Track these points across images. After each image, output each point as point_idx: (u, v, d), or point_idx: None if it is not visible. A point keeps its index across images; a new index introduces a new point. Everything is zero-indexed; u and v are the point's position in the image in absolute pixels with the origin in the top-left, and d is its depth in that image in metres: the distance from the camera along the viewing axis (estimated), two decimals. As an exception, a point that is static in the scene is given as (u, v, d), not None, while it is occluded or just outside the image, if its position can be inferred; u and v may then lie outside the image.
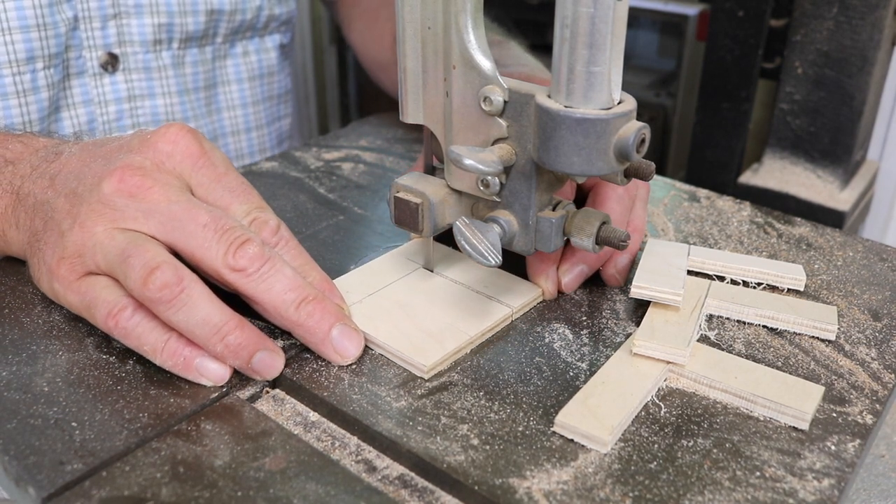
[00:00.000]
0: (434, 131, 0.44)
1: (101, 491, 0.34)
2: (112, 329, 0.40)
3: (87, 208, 0.41)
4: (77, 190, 0.42)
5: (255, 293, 0.40)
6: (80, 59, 0.63)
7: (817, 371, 0.41)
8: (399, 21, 0.42)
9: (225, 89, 0.73)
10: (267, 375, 0.40)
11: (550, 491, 0.33)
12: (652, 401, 0.39)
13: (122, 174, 0.41)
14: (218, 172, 0.43)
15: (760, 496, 0.33)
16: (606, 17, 0.35)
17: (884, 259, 0.52)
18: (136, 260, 0.38)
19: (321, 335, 0.40)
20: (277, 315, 0.40)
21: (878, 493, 0.43)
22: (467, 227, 0.40)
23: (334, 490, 0.34)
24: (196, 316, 0.38)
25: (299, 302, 0.40)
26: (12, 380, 0.40)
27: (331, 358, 0.41)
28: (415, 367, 0.41)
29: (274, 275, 0.40)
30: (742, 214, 0.58)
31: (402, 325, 0.43)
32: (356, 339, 0.41)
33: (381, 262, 0.50)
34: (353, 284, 0.47)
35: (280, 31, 0.76)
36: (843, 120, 0.96)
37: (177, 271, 0.38)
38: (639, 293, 0.44)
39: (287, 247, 0.43)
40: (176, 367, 0.39)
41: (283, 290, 0.40)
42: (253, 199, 0.44)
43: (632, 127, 0.37)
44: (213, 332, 0.38)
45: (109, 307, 0.39)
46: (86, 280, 0.41)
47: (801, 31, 0.95)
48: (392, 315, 0.44)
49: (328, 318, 0.40)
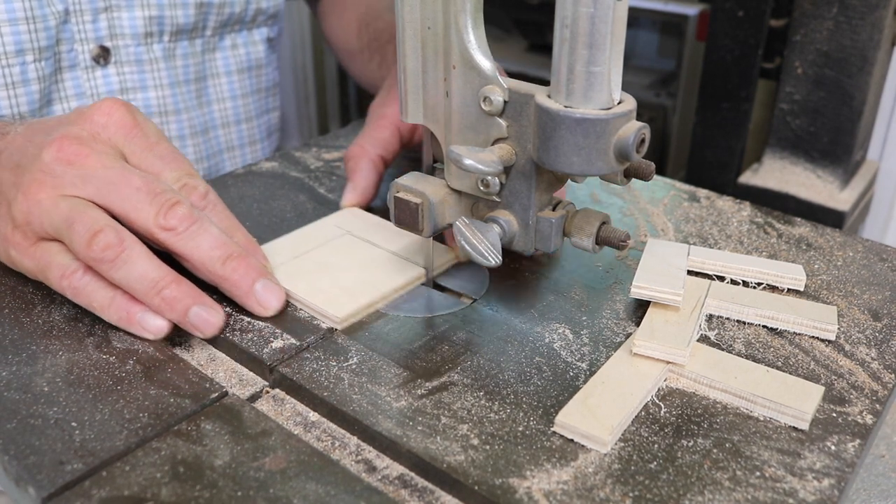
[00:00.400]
0: (434, 131, 0.44)
1: (101, 491, 0.34)
2: (65, 289, 0.43)
3: (29, 177, 0.43)
4: (21, 162, 0.45)
5: (185, 250, 0.43)
6: (72, 53, 0.64)
7: (817, 371, 0.41)
8: (399, 21, 0.42)
9: (214, 82, 0.75)
10: (205, 330, 0.43)
11: (550, 491, 0.33)
12: (652, 401, 0.39)
13: (61, 143, 0.44)
14: (150, 142, 0.46)
15: (760, 496, 0.33)
16: (606, 17, 0.35)
17: (884, 259, 0.52)
18: (80, 225, 0.41)
19: (245, 288, 0.44)
20: (206, 270, 0.44)
21: (878, 493, 0.43)
22: (467, 227, 0.40)
23: (334, 490, 0.34)
24: (135, 272, 0.41)
25: (225, 258, 0.44)
26: (12, 380, 0.40)
27: (254, 309, 0.44)
28: (329, 319, 0.44)
29: (201, 234, 0.43)
30: (742, 214, 0.58)
31: (321, 282, 0.47)
32: (278, 292, 0.45)
33: (308, 228, 0.54)
34: (279, 248, 0.51)
35: (267, 24, 0.78)
36: (843, 120, 0.95)
37: (118, 233, 0.41)
38: (639, 293, 0.44)
39: (214, 210, 0.47)
40: (121, 322, 0.43)
41: (210, 248, 0.43)
42: (183, 166, 0.47)
43: (632, 127, 0.37)
44: (150, 286, 0.42)
45: (62, 269, 0.43)
46: (40, 246, 0.44)
47: (801, 31, 0.95)
48: (312, 274, 0.48)
49: (252, 273, 0.44)
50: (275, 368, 0.41)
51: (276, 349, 0.42)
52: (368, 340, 0.43)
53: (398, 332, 0.44)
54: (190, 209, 0.43)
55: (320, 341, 0.43)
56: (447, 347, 0.43)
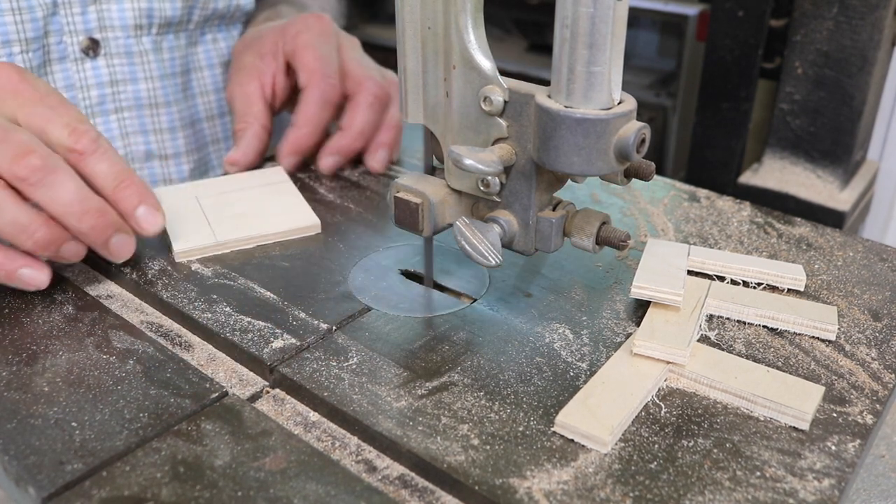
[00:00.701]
0: (434, 131, 0.44)
1: (101, 491, 0.34)
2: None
3: None
4: None
5: (41, 202, 0.44)
6: (61, 45, 0.64)
7: (817, 371, 0.41)
8: (399, 21, 0.42)
9: (198, 75, 0.76)
10: (31, 287, 0.46)
11: (551, 491, 0.33)
12: (652, 401, 0.39)
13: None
14: (40, 94, 0.48)
15: (761, 496, 0.33)
16: (606, 17, 0.35)
17: (884, 259, 0.52)
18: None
19: (99, 244, 0.47)
20: (64, 224, 0.45)
21: (878, 493, 0.43)
22: (467, 227, 0.40)
23: (334, 490, 0.34)
24: (4, 219, 0.43)
25: (81, 214, 0.45)
26: (12, 380, 0.40)
27: (109, 258, 0.48)
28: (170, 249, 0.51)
29: (57, 186, 0.44)
30: (742, 214, 0.58)
31: (195, 219, 0.54)
32: (129, 248, 0.48)
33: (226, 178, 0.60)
34: (182, 191, 0.57)
35: (242, 20, 0.79)
36: (843, 120, 0.96)
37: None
38: (639, 293, 0.44)
39: (105, 155, 0.47)
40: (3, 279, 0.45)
41: (68, 203, 0.44)
42: (72, 113, 0.47)
43: (632, 127, 0.37)
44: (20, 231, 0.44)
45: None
46: None
47: (801, 31, 0.95)
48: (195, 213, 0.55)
49: (107, 230, 0.46)
50: (275, 368, 0.41)
51: (276, 349, 0.42)
52: (368, 340, 0.43)
53: (398, 332, 0.44)
54: (45, 160, 0.44)
55: (320, 341, 0.43)
56: (447, 347, 0.43)
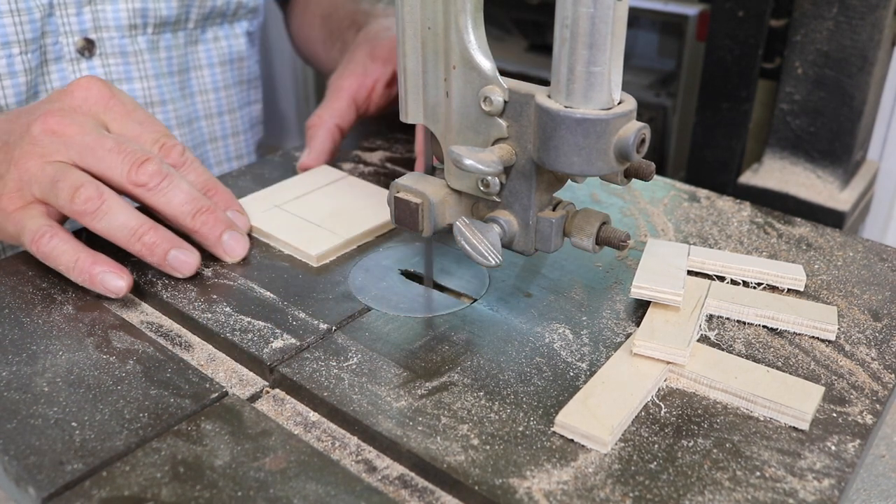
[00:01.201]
0: (434, 131, 0.44)
1: (101, 491, 0.34)
2: (36, 253, 0.47)
3: (19, 151, 0.48)
4: (9, 141, 0.49)
5: (157, 205, 0.48)
6: (57, 45, 0.65)
7: (817, 371, 0.41)
8: (399, 21, 0.42)
9: (197, 73, 0.76)
10: (183, 270, 0.47)
11: (551, 491, 0.33)
12: (652, 401, 0.39)
13: (46, 117, 0.48)
14: (127, 109, 0.51)
15: (760, 496, 0.33)
16: (606, 18, 0.35)
17: (884, 259, 0.52)
18: (63, 182, 0.46)
19: (213, 239, 0.49)
20: (177, 223, 0.48)
21: (878, 493, 0.43)
22: (467, 227, 0.40)
23: (334, 490, 0.34)
24: (116, 222, 0.46)
25: (195, 212, 0.48)
26: (12, 380, 0.40)
27: (222, 257, 0.50)
28: (306, 257, 0.50)
29: (172, 189, 0.48)
30: (742, 214, 0.58)
31: (299, 225, 0.53)
32: (243, 242, 0.50)
33: (284, 183, 0.59)
34: (260, 199, 0.57)
35: (247, 18, 0.79)
36: (843, 120, 0.95)
37: (97, 188, 0.46)
38: (639, 293, 0.44)
39: (192, 167, 0.51)
40: (85, 283, 0.46)
41: (181, 203, 0.48)
42: (160, 129, 0.51)
43: (632, 127, 0.37)
44: (131, 233, 0.46)
45: (32, 234, 0.46)
46: (20, 211, 0.48)
47: (801, 31, 0.95)
48: (291, 220, 0.54)
49: (220, 225, 0.49)
50: (275, 368, 0.41)
51: (276, 349, 0.42)
52: (368, 340, 0.43)
53: (398, 332, 0.44)
54: (160, 166, 0.47)
55: (320, 341, 0.43)
56: (447, 347, 0.43)
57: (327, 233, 0.52)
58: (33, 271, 0.49)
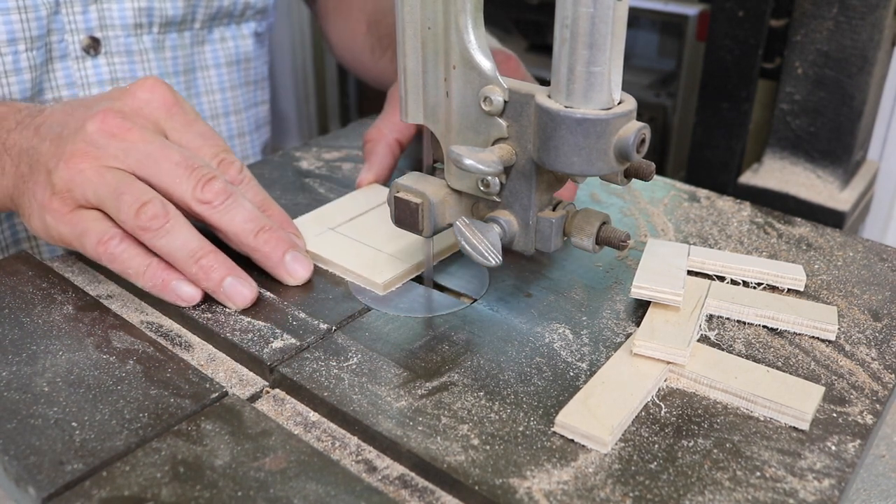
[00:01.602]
0: (434, 131, 0.44)
1: (101, 491, 0.34)
2: (101, 255, 0.45)
3: (71, 147, 0.45)
4: (62, 134, 0.46)
5: (220, 223, 0.46)
6: (63, 43, 0.64)
7: (817, 371, 0.41)
8: (399, 21, 0.42)
9: (204, 74, 0.75)
10: (237, 301, 0.45)
11: (551, 491, 0.33)
12: (652, 401, 0.39)
13: (105, 116, 0.46)
14: (189, 119, 0.49)
15: (761, 496, 0.33)
16: (606, 18, 0.35)
17: (884, 259, 0.52)
18: (129, 195, 0.44)
19: (276, 259, 0.47)
20: (239, 242, 0.46)
21: (878, 493, 0.43)
22: (467, 227, 0.40)
23: (334, 490, 0.34)
24: (177, 242, 0.44)
25: (257, 231, 0.46)
26: (12, 380, 0.40)
27: (284, 279, 0.47)
28: (372, 286, 0.47)
29: (236, 207, 0.46)
30: (742, 214, 0.58)
31: (359, 252, 0.50)
32: (306, 263, 0.48)
33: (336, 203, 0.56)
34: (311, 221, 0.54)
35: (255, 18, 0.78)
36: (843, 120, 0.96)
37: (164, 205, 0.44)
38: (639, 293, 0.44)
39: (249, 185, 0.50)
40: (155, 289, 0.45)
41: (244, 221, 0.46)
42: (220, 144, 0.49)
43: (632, 127, 0.37)
44: (189, 255, 0.44)
45: (100, 236, 0.45)
46: (77, 213, 0.45)
47: (801, 31, 0.95)
48: (349, 245, 0.51)
49: (282, 245, 0.47)
50: (275, 368, 0.41)
51: (276, 349, 0.42)
52: (368, 340, 0.43)
53: (398, 332, 0.44)
54: (225, 184, 0.46)
55: (320, 341, 0.43)
56: (447, 347, 0.43)
57: (390, 257, 0.49)
58: (33, 271, 0.49)
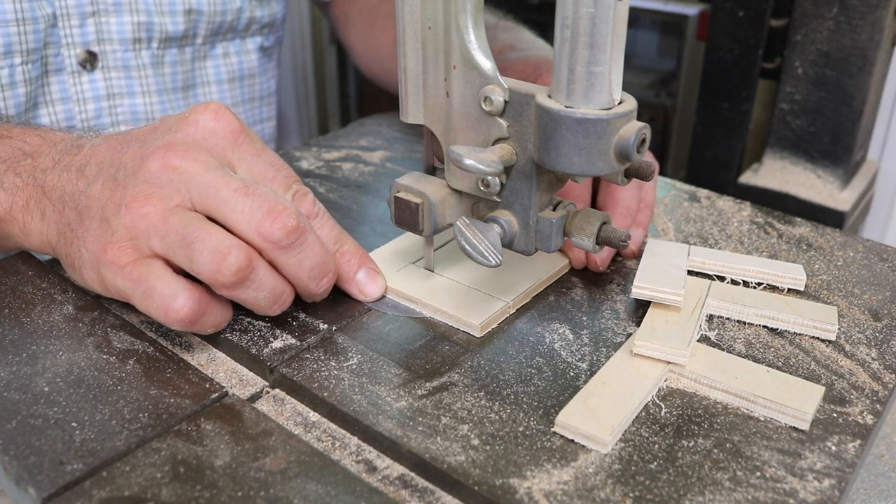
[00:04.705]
0: (434, 131, 0.44)
1: (101, 491, 0.34)
2: (171, 323, 0.40)
3: (132, 191, 0.41)
4: (116, 176, 0.42)
5: (285, 265, 0.41)
6: (59, 57, 0.64)
7: (817, 371, 0.41)
8: (399, 21, 0.42)
9: (205, 90, 0.74)
10: None
11: (551, 491, 0.33)
12: (652, 401, 0.39)
13: (166, 151, 0.41)
14: (257, 148, 0.44)
15: (761, 496, 0.33)
16: (607, 17, 0.35)
17: (884, 259, 0.52)
18: (202, 245, 0.39)
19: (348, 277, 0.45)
20: (301, 286, 0.43)
21: (878, 493, 0.43)
22: (467, 227, 0.40)
23: (334, 490, 0.34)
24: (263, 292, 0.41)
25: (322, 276, 0.43)
26: (12, 380, 0.40)
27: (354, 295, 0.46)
28: (468, 326, 0.44)
29: (305, 250, 0.41)
30: (742, 214, 0.58)
31: (448, 286, 0.47)
32: (380, 281, 0.46)
33: (410, 235, 0.52)
34: (389, 256, 0.50)
35: (262, 33, 0.77)
36: (843, 120, 0.95)
37: (247, 253, 0.39)
38: (639, 293, 0.44)
39: (324, 220, 0.45)
40: None
41: (313, 266, 0.42)
42: (292, 174, 0.45)
43: (632, 127, 0.37)
44: (273, 301, 0.41)
45: (166, 302, 0.39)
46: (139, 265, 0.40)
47: (801, 31, 0.95)
48: (435, 280, 0.47)
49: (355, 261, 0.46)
50: (275, 369, 0.41)
51: (276, 349, 0.42)
52: (368, 340, 0.43)
53: (398, 332, 0.44)
54: (299, 220, 0.40)
55: (320, 341, 0.43)
56: (447, 347, 0.43)
57: (484, 295, 0.46)
58: (33, 271, 0.49)
